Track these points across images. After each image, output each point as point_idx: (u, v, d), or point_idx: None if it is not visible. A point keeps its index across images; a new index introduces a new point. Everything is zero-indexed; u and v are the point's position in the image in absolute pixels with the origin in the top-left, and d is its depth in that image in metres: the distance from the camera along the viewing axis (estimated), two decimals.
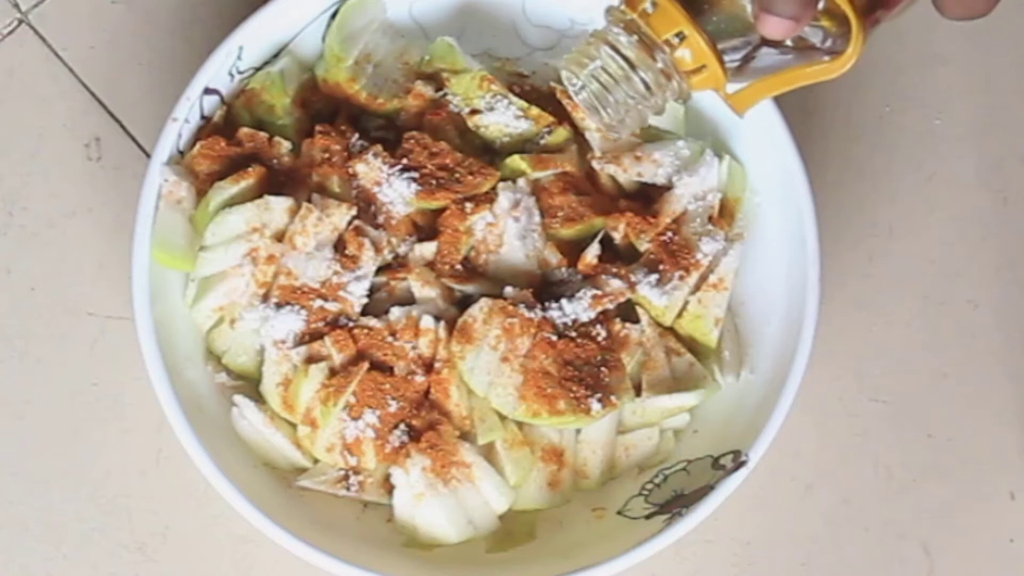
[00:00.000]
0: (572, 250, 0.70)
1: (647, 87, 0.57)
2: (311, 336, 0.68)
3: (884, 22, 0.54)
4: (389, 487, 0.68)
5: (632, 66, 0.56)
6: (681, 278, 0.69)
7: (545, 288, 0.69)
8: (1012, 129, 0.78)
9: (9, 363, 0.74)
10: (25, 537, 0.73)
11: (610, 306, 0.68)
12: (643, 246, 0.70)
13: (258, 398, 0.69)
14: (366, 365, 0.67)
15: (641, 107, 0.58)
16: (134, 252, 0.66)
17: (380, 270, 0.69)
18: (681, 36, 0.54)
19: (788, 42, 0.53)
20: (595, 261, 0.69)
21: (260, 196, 0.68)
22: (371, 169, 0.68)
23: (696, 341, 0.70)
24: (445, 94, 0.70)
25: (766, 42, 0.53)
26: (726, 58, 0.55)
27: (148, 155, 0.74)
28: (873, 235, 0.77)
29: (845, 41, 0.52)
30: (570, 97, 0.69)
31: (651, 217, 0.69)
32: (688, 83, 0.56)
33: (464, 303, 0.69)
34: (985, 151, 0.77)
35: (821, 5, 0.51)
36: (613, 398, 0.67)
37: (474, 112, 0.70)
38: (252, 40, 0.68)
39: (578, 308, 0.68)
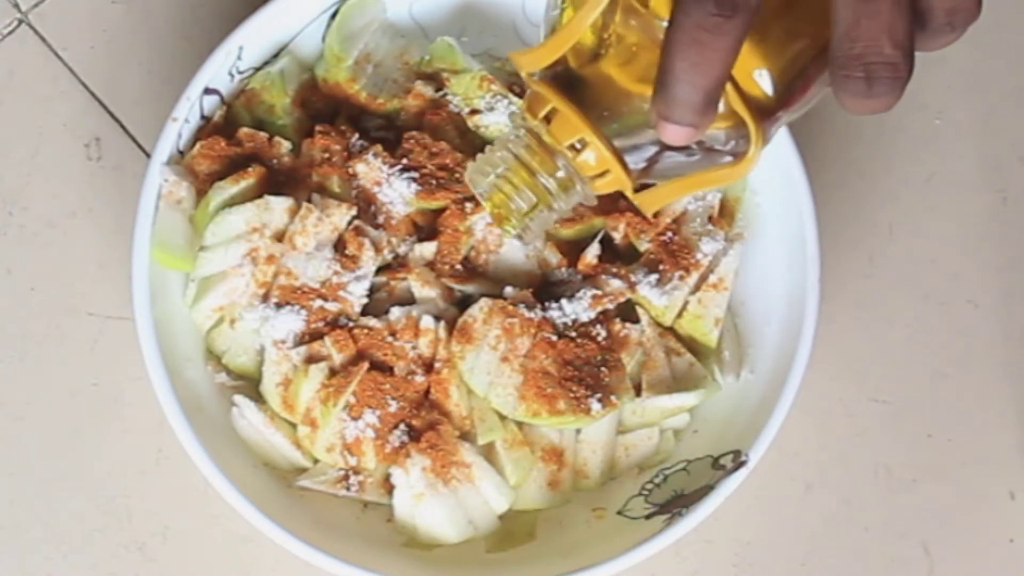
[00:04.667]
0: (572, 250, 0.70)
1: (550, 193, 0.56)
2: (311, 336, 0.68)
3: (785, 121, 0.54)
4: (389, 487, 0.69)
5: (534, 173, 0.56)
6: (681, 278, 0.69)
7: (545, 288, 0.69)
8: (1012, 129, 0.78)
9: (9, 363, 0.74)
10: (25, 537, 0.73)
11: (610, 306, 0.68)
12: (643, 246, 0.70)
13: (258, 398, 0.69)
14: (366, 365, 0.67)
15: (546, 213, 0.56)
16: (134, 252, 0.66)
17: (380, 270, 0.69)
18: (583, 141, 0.54)
19: (692, 145, 0.53)
20: (595, 261, 0.69)
21: (260, 196, 0.68)
22: (371, 169, 0.68)
23: (696, 341, 0.70)
24: (445, 94, 0.70)
25: (670, 146, 0.53)
26: (630, 160, 0.54)
27: (148, 155, 0.74)
28: (873, 235, 0.77)
29: (747, 142, 0.52)
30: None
31: (651, 217, 0.69)
32: (592, 187, 0.56)
33: (464, 303, 0.69)
34: (985, 151, 0.77)
35: (722, 108, 0.51)
36: (613, 398, 0.67)
37: (474, 112, 0.70)
38: (252, 40, 0.68)
39: (578, 308, 0.68)
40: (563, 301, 0.68)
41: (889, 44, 0.49)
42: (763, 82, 0.52)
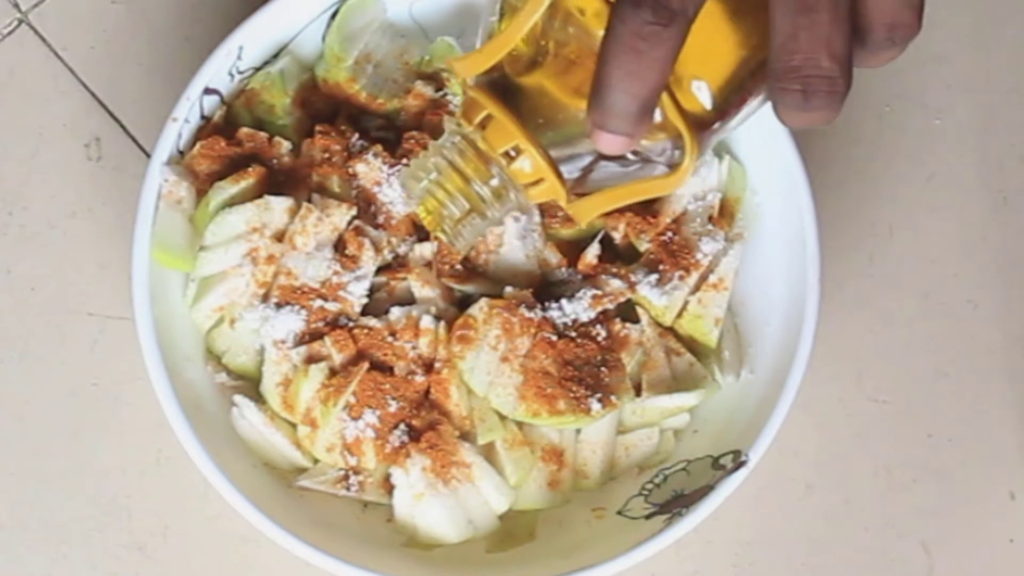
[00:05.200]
0: (572, 250, 0.70)
1: (484, 200, 0.56)
2: (311, 336, 0.68)
3: (722, 134, 0.54)
4: (389, 487, 0.68)
5: (468, 180, 0.55)
6: (681, 278, 0.69)
7: (545, 288, 0.69)
8: (1012, 129, 0.78)
9: (9, 363, 0.74)
10: (25, 537, 0.73)
11: (610, 306, 0.68)
12: (643, 246, 0.70)
13: (258, 398, 0.69)
14: (366, 365, 0.67)
15: (478, 220, 0.56)
16: (134, 252, 0.66)
17: (380, 270, 0.69)
18: (518, 149, 0.53)
19: (628, 155, 0.53)
20: (595, 261, 0.69)
21: (260, 196, 0.68)
22: (371, 169, 0.68)
23: (696, 341, 0.70)
24: (445, 94, 0.70)
25: (605, 155, 0.53)
26: (565, 169, 0.54)
27: (148, 155, 0.74)
28: (873, 235, 0.77)
29: (682, 153, 0.52)
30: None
31: (651, 217, 0.69)
32: (526, 195, 0.55)
33: (464, 303, 0.69)
34: (985, 151, 0.77)
35: (658, 118, 0.51)
36: (613, 398, 0.67)
37: None
38: (252, 40, 0.68)
39: (578, 308, 0.68)
40: (563, 301, 0.68)
41: (827, 58, 0.48)
42: (700, 93, 0.52)
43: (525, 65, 0.53)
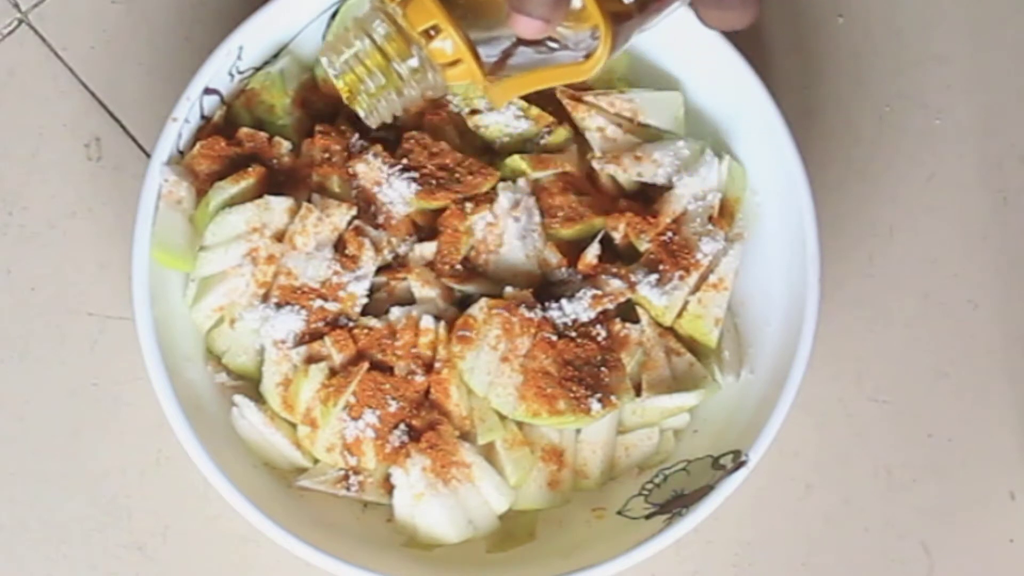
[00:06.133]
0: (572, 250, 0.70)
1: (401, 78, 0.57)
2: (311, 336, 0.68)
3: (641, 28, 0.55)
4: (389, 487, 0.68)
5: (387, 56, 0.57)
6: (681, 278, 0.69)
7: (545, 288, 0.69)
8: (1012, 129, 0.78)
9: (9, 363, 0.74)
10: (25, 537, 0.73)
11: (610, 306, 0.68)
12: (643, 246, 0.70)
13: (258, 398, 0.69)
14: (366, 365, 0.67)
15: (395, 97, 0.59)
16: (134, 252, 0.66)
17: (380, 270, 0.69)
18: (438, 29, 0.56)
19: (546, 41, 0.55)
20: (595, 261, 0.69)
21: (260, 196, 0.68)
22: (371, 169, 0.68)
23: (696, 341, 0.70)
24: (445, 94, 0.70)
25: (523, 41, 0.55)
26: (483, 52, 0.56)
27: (148, 155, 0.74)
28: (873, 235, 0.77)
29: (599, 43, 0.54)
30: (571, 97, 0.69)
31: (651, 217, 0.69)
32: (443, 76, 0.57)
33: (464, 303, 0.69)
34: (985, 151, 0.77)
35: (578, 4, 0.52)
36: (613, 398, 0.67)
37: (474, 112, 0.70)
38: (252, 40, 0.68)
39: (578, 308, 0.68)
40: (563, 301, 0.68)
41: None
42: None
43: None
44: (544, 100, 0.71)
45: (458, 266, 0.69)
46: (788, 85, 0.76)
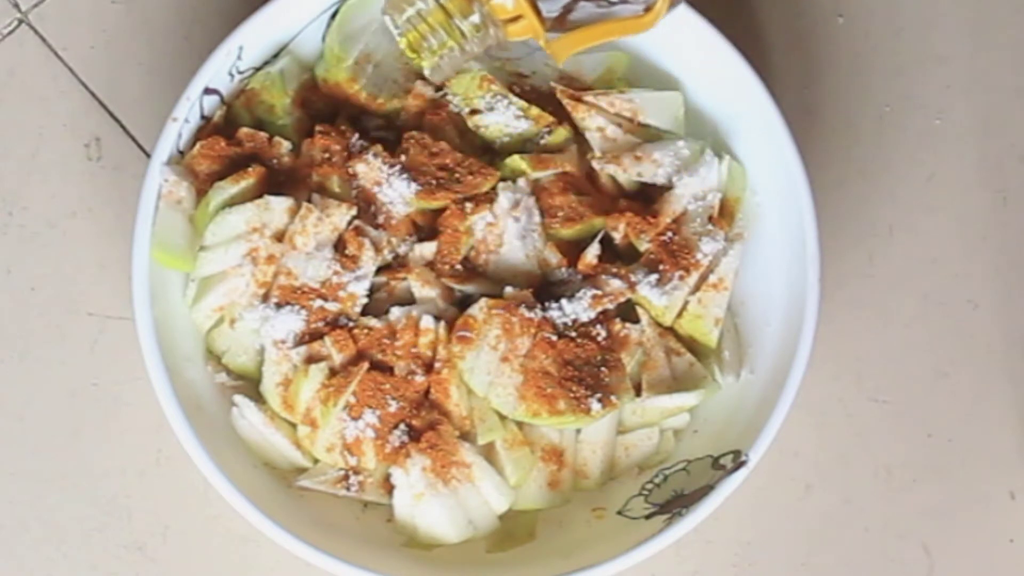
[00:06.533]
0: (572, 250, 0.70)
1: (463, 34, 0.57)
2: (311, 336, 0.68)
3: None
4: (389, 487, 0.68)
5: (449, 14, 0.57)
6: (681, 278, 0.69)
7: (545, 288, 0.69)
8: (1012, 129, 0.78)
9: (9, 363, 0.74)
10: (25, 537, 0.73)
11: (610, 306, 0.68)
12: (643, 246, 0.70)
13: (258, 398, 0.69)
14: (366, 365, 0.67)
15: (457, 53, 0.59)
16: (134, 252, 0.66)
17: (380, 270, 0.69)
18: None
19: None
20: (595, 261, 0.69)
21: (260, 196, 0.68)
22: (371, 169, 0.68)
23: (696, 341, 0.70)
24: (445, 94, 0.70)
25: None
26: (544, 7, 0.56)
27: (148, 155, 0.74)
28: (873, 235, 0.77)
29: None
30: (571, 97, 0.69)
31: (651, 217, 0.69)
32: (505, 31, 0.57)
33: (464, 303, 0.69)
34: (985, 151, 0.77)
35: None
36: (613, 398, 0.67)
37: (474, 112, 0.70)
38: (252, 40, 0.68)
39: (578, 308, 0.68)
40: (563, 301, 0.68)
41: None
42: None
43: None
44: (544, 100, 0.71)
45: (458, 266, 0.69)
46: (788, 85, 0.76)
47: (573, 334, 0.68)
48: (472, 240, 0.69)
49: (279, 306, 0.67)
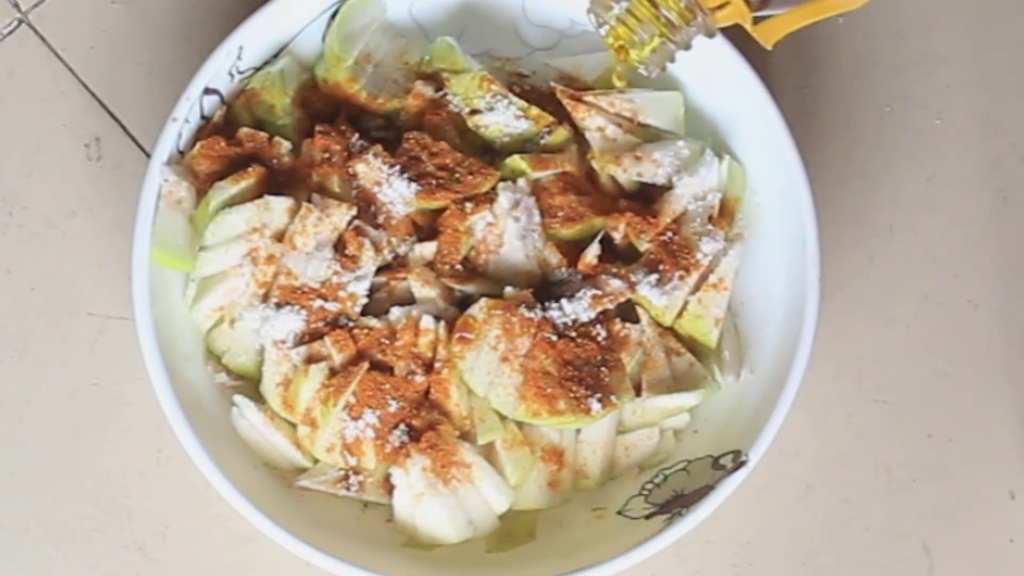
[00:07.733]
0: (572, 250, 0.70)
1: (671, 24, 0.57)
2: (311, 336, 0.68)
3: None
4: (389, 487, 0.68)
5: (655, 4, 0.57)
6: (681, 278, 0.69)
7: (545, 288, 0.69)
8: (1012, 129, 0.78)
9: (9, 363, 0.74)
10: (25, 537, 0.73)
11: (610, 306, 0.68)
12: (643, 246, 0.70)
13: (258, 398, 0.69)
14: (366, 365, 0.67)
15: (667, 44, 0.59)
16: (134, 252, 0.66)
17: (380, 270, 0.69)
18: None
19: None
20: (595, 261, 0.69)
21: (260, 196, 0.68)
22: (371, 169, 0.68)
23: (696, 341, 0.70)
24: (445, 94, 0.70)
25: None
26: None
27: (148, 155, 0.74)
28: (873, 235, 0.77)
29: None
30: (571, 97, 0.69)
31: (651, 217, 0.69)
32: (712, 18, 0.57)
33: (464, 303, 0.69)
34: (985, 151, 0.77)
35: None
36: (613, 398, 0.67)
37: (474, 112, 0.70)
38: (252, 40, 0.68)
39: (578, 308, 0.68)
40: (563, 301, 0.68)
41: None
42: None
43: None
44: (544, 100, 0.71)
45: (458, 266, 0.69)
46: (788, 85, 0.76)
47: (573, 334, 0.68)
48: (472, 240, 0.69)
49: (279, 306, 0.67)
